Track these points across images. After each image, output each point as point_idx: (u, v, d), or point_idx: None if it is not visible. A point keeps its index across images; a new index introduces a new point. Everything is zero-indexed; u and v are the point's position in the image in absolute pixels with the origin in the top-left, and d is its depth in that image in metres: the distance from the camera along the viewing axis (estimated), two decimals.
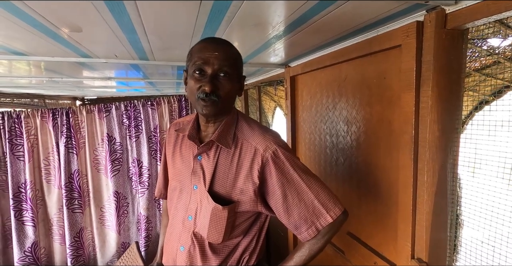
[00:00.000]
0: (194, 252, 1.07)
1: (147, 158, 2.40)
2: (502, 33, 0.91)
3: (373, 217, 1.34)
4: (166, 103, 2.40)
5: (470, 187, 0.97)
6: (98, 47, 1.49)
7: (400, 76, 1.05)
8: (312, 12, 0.95)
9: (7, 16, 0.96)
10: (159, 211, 2.51)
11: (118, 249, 2.45)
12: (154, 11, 0.96)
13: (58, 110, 2.18)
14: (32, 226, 2.18)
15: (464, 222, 1.00)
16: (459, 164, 0.97)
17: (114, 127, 2.32)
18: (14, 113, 2.10)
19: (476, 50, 1.00)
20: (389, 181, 1.21)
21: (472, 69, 0.99)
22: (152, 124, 2.41)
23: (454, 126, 0.96)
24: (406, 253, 1.07)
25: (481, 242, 0.95)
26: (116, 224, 2.39)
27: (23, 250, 2.17)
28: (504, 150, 0.88)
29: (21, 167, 2.16)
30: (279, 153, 0.98)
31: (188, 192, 1.10)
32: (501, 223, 0.89)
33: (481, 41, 0.99)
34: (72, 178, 2.26)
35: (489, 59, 0.99)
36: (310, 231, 1.00)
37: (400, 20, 1.04)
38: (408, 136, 1.02)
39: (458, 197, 1.00)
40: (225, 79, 0.95)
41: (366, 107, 1.33)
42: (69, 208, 2.25)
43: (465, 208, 0.99)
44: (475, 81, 1.00)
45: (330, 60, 1.52)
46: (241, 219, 1.06)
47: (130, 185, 2.44)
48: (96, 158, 2.33)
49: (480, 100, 0.99)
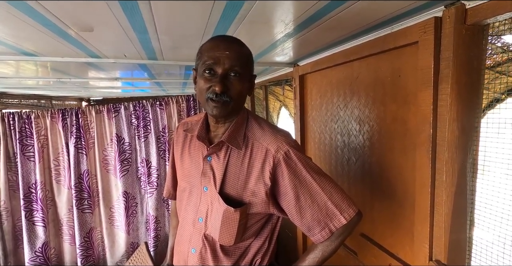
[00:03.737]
0: (206, 254, 1.05)
1: (155, 158, 2.39)
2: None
3: (388, 217, 1.31)
4: (174, 103, 2.40)
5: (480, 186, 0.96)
6: (108, 47, 1.49)
7: (416, 73, 1.03)
8: (328, 8, 0.93)
9: (20, 16, 0.96)
10: (167, 211, 2.51)
11: (127, 249, 2.45)
12: (167, 9, 0.95)
13: (68, 110, 2.18)
14: (42, 226, 2.19)
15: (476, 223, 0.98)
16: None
17: (123, 128, 2.32)
18: (24, 114, 2.11)
19: (491, 48, 0.98)
20: (405, 181, 1.18)
21: (486, 67, 0.97)
22: (161, 124, 2.40)
23: (473, 125, 0.94)
24: (423, 255, 1.05)
25: (491, 243, 0.93)
26: (125, 224, 2.39)
27: (33, 250, 2.18)
28: None
29: (32, 167, 2.17)
30: (291, 154, 0.96)
31: (198, 193, 1.08)
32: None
33: (495, 38, 0.97)
34: (82, 178, 2.26)
35: (504, 56, 0.97)
36: (324, 233, 0.98)
37: (416, 17, 1.02)
38: (425, 134, 1.00)
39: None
40: (236, 79, 0.93)
41: (379, 106, 1.31)
42: (79, 208, 2.26)
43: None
44: (487, 79, 0.98)
45: (342, 58, 1.50)
46: (252, 221, 1.04)
47: (139, 185, 2.44)
48: (105, 158, 2.33)
49: (492, 98, 0.97)
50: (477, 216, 0.97)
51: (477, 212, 0.97)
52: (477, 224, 0.98)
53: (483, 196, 0.94)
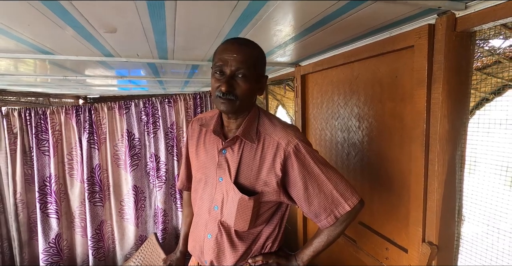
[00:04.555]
0: (222, 239, 1.13)
1: (164, 153, 2.47)
2: (504, 35, 0.98)
3: (385, 206, 1.41)
4: (182, 101, 2.48)
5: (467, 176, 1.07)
6: (124, 46, 1.54)
7: (412, 74, 1.13)
8: (336, 13, 1.02)
9: (52, 17, 1.01)
10: (175, 204, 2.60)
11: (136, 241, 2.53)
12: (190, 12, 1.01)
13: (81, 107, 2.27)
14: (56, 218, 2.27)
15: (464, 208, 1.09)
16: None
17: (133, 124, 2.40)
18: (40, 110, 2.19)
19: (479, 51, 1.07)
20: (401, 172, 1.28)
21: (474, 68, 1.06)
22: (169, 121, 2.48)
23: (462, 121, 1.04)
24: (417, 238, 1.15)
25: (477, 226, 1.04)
26: (135, 217, 2.48)
27: (47, 241, 2.26)
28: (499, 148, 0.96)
29: (46, 161, 2.25)
30: (300, 147, 1.04)
31: (213, 184, 1.15)
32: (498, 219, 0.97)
33: (483, 42, 1.06)
34: (94, 172, 2.35)
35: (490, 59, 1.05)
36: (329, 219, 1.07)
37: (412, 23, 1.12)
38: (420, 129, 1.10)
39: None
40: (242, 80, 1.00)
41: (378, 104, 1.40)
42: (91, 201, 2.34)
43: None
44: (476, 80, 1.07)
45: (342, 60, 1.59)
46: (264, 209, 1.12)
47: (148, 180, 2.52)
48: (116, 153, 2.41)
49: (481, 98, 1.06)
50: (465, 202, 1.07)
51: (464, 199, 1.07)
52: (464, 209, 1.08)
53: (470, 184, 1.05)
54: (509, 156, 0.94)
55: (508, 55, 0.99)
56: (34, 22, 1.09)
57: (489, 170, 0.99)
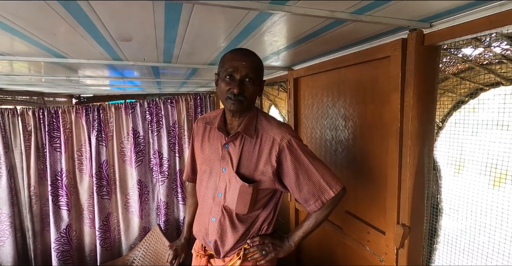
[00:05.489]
0: (224, 222, 1.27)
1: (166, 150, 2.60)
2: (473, 45, 1.11)
3: (367, 195, 1.56)
4: (183, 101, 2.61)
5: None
6: (134, 52, 1.64)
7: (389, 80, 1.28)
8: (324, 29, 1.18)
9: (76, 27, 1.12)
10: (176, 198, 2.72)
11: (140, 232, 2.65)
12: (199, 25, 1.14)
13: (90, 107, 2.38)
14: (66, 210, 2.38)
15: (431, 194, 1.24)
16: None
17: (138, 123, 2.52)
18: (53, 109, 2.30)
19: (453, 58, 1.21)
20: (380, 165, 1.43)
21: (451, 73, 1.20)
22: (171, 120, 2.61)
23: (430, 121, 1.19)
24: (393, 221, 1.30)
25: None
26: (139, 209, 2.60)
27: (59, 231, 2.37)
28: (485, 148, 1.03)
29: (58, 157, 2.36)
30: (292, 142, 1.18)
31: (217, 174, 1.29)
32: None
33: (457, 50, 1.19)
34: (102, 168, 2.46)
35: (464, 65, 1.18)
36: (317, 204, 1.21)
37: (389, 37, 1.28)
38: (395, 127, 1.25)
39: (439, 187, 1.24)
40: (249, 83, 1.15)
41: (361, 105, 1.56)
42: (99, 194, 2.46)
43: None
44: (452, 84, 1.21)
45: (331, 66, 1.74)
46: (261, 195, 1.26)
47: (151, 175, 2.65)
48: (122, 149, 2.53)
49: (457, 100, 1.20)
50: (445, 197, 1.22)
51: (444, 194, 1.22)
52: (444, 203, 1.23)
53: (457, 183, 1.18)
54: (494, 155, 1.00)
55: (479, 62, 1.11)
56: (60, 32, 1.20)
57: (475, 169, 1.07)
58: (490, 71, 1.09)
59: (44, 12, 0.96)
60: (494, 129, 1.01)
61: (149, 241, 2.44)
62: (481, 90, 1.13)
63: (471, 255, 1.09)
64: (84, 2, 0.88)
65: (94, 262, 2.58)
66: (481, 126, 1.05)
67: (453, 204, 1.18)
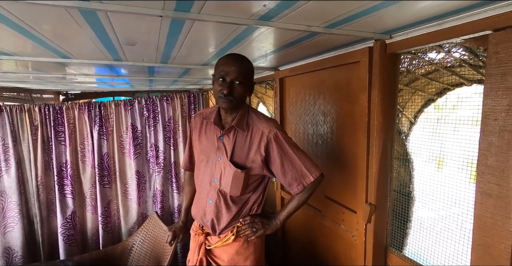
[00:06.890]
0: (220, 203, 1.41)
1: (162, 143, 2.72)
2: (436, 50, 1.22)
3: (342, 181, 1.72)
4: (178, 99, 2.73)
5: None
6: (135, 54, 1.71)
7: (359, 82, 1.43)
8: (303, 38, 1.33)
9: (88, 32, 1.18)
10: (171, 187, 2.85)
11: (138, 218, 2.78)
12: (198, 33, 1.24)
13: (92, 104, 2.49)
14: (71, 198, 2.50)
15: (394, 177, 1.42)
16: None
17: (136, 118, 2.63)
18: (57, 106, 2.40)
19: (421, 61, 1.32)
20: (352, 153, 1.60)
21: (420, 75, 1.32)
22: (167, 116, 2.72)
23: (391, 116, 1.36)
24: (362, 201, 1.48)
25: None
26: (137, 197, 2.72)
27: (64, 217, 2.49)
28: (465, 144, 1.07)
29: (63, 150, 2.46)
30: (278, 134, 1.33)
31: (213, 162, 1.42)
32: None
33: (423, 55, 1.30)
34: (103, 159, 2.57)
35: (431, 67, 1.30)
36: (299, 187, 1.36)
37: (359, 44, 1.43)
38: (363, 122, 1.41)
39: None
40: (238, 85, 1.28)
41: (337, 103, 1.71)
42: (101, 183, 2.57)
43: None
44: (422, 84, 1.33)
45: (313, 67, 1.88)
46: (251, 180, 1.40)
47: (148, 166, 2.77)
48: (122, 143, 2.64)
49: (426, 99, 1.33)
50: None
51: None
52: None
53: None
54: (473, 151, 1.02)
55: (444, 65, 1.24)
56: (74, 37, 1.29)
57: (454, 164, 1.12)
58: (453, 73, 1.21)
59: (64, 21, 1.04)
60: (464, 126, 1.08)
61: (147, 227, 2.56)
62: (447, 90, 1.26)
63: (442, 240, 1.19)
64: (102, 13, 0.96)
65: (97, 245, 2.70)
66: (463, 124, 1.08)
67: (425, 193, 1.31)
